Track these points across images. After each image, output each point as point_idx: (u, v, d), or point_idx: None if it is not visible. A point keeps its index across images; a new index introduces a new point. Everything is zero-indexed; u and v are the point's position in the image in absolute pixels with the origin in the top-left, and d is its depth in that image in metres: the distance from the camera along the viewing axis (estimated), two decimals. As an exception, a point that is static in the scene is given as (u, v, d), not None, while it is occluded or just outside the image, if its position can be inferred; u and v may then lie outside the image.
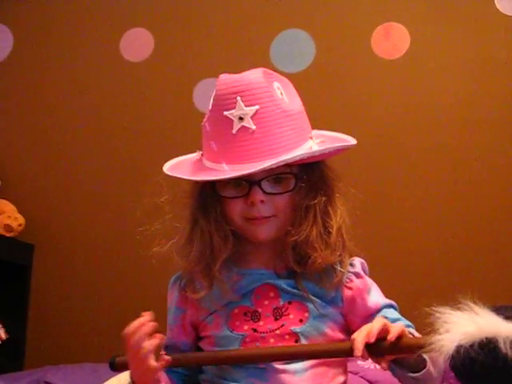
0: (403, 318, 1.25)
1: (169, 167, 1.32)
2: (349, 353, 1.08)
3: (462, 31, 2.49)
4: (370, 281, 1.30)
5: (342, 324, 1.27)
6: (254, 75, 1.23)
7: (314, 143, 1.25)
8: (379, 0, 2.58)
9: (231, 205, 1.24)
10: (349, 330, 1.26)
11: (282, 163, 1.18)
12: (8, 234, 2.58)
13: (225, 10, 2.70)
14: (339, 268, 1.26)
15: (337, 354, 1.16)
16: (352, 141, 1.29)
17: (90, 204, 2.71)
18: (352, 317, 1.27)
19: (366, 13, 2.59)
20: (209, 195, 1.26)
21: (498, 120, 2.44)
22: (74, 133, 2.75)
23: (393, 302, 1.29)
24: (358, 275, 1.28)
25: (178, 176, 1.27)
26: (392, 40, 2.53)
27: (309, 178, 1.25)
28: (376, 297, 1.28)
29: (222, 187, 1.25)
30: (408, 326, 1.20)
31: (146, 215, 1.30)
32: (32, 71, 2.81)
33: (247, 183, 1.22)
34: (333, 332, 1.24)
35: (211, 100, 1.25)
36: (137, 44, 2.75)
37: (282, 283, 1.26)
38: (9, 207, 2.65)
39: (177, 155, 1.37)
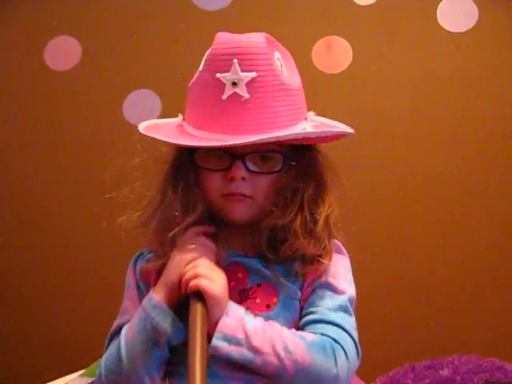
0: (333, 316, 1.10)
1: (145, 127, 1.17)
2: None
3: (405, 46, 2.43)
4: (331, 268, 1.15)
5: None
6: (256, 39, 1.09)
7: (309, 125, 1.13)
8: (321, 14, 2.48)
9: (209, 178, 1.11)
10: None
11: (273, 140, 1.05)
12: None
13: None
14: (323, 260, 1.13)
15: None
16: (349, 129, 1.17)
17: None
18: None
19: (307, 27, 2.49)
20: (184, 164, 1.13)
21: (442, 136, 2.39)
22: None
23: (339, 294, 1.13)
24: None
25: (156, 137, 1.11)
26: (334, 54, 2.44)
27: (299, 161, 1.13)
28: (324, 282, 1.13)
29: (202, 158, 1.12)
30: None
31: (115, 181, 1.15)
32: None
33: (230, 156, 1.09)
34: (299, 320, 1.11)
35: (202, 60, 1.12)
36: (62, 52, 2.57)
37: (252, 263, 1.13)
38: None
39: (106, 168, 1.17)
